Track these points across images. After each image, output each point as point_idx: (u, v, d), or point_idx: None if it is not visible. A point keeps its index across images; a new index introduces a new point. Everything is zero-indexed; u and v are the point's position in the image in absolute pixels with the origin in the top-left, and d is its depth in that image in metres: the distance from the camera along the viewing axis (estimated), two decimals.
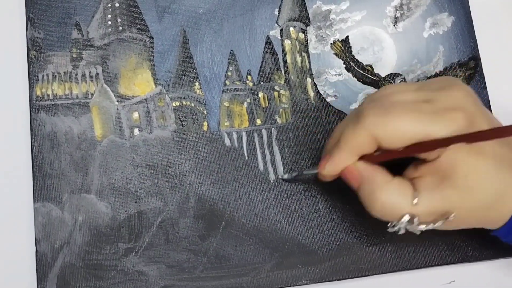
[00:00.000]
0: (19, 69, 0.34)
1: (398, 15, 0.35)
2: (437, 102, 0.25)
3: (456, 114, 0.25)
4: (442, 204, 0.25)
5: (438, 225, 0.26)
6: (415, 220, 0.25)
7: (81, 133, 0.33)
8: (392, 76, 0.35)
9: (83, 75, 0.34)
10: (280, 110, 0.34)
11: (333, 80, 0.34)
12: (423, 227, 0.26)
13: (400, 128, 0.25)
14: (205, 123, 0.33)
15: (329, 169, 0.27)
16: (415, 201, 0.25)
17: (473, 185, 0.25)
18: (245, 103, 0.34)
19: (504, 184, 0.25)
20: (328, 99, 0.34)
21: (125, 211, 0.32)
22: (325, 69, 0.35)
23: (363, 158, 0.27)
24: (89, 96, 0.34)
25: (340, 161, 0.27)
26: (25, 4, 0.34)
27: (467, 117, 0.25)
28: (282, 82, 0.34)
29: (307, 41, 0.35)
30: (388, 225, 0.27)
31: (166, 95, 0.34)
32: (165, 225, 0.32)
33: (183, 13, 0.35)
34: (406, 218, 0.25)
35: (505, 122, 0.28)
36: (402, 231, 0.26)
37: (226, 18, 0.35)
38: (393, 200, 0.26)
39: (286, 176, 0.32)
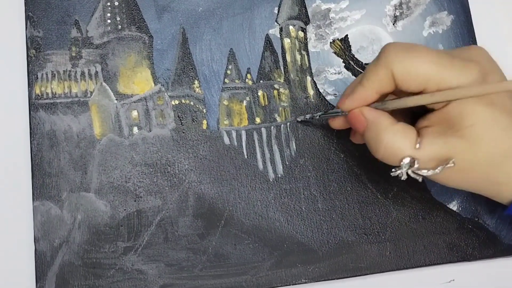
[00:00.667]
0: (19, 67, 0.34)
1: (397, 14, 0.35)
2: (455, 54, 0.26)
3: (471, 64, 0.25)
4: (444, 151, 0.26)
5: (438, 171, 0.26)
6: (416, 163, 0.26)
7: (80, 131, 0.33)
8: None
9: (82, 73, 0.34)
10: (280, 108, 0.34)
11: (332, 78, 0.35)
12: (424, 172, 0.26)
13: (417, 67, 0.25)
14: (205, 122, 0.33)
15: (349, 104, 0.28)
16: (417, 145, 0.26)
17: (479, 135, 0.25)
18: (245, 102, 0.34)
19: (510, 144, 0.25)
20: (328, 98, 0.34)
21: (124, 209, 0.32)
22: (325, 67, 0.35)
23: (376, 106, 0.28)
24: (88, 95, 0.33)
25: (360, 96, 0.28)
26: (25, 2, 0.34)
27: (481, 70, 0.25)
28: (282, 80, 0.34)
29: (306, 40, 0.35)
30: (392, 170, 0.27)
31: (165, 94, 0.34)
32: (164, 223, 0.32)
33: (183, 11, 0.35)
34: (407, 160, 0.26)
35: None
36: (404, 176, 0.27)
37: (225, 17, 0.35)
38: (396, 142, 0.26)
39: (299, 119, 0.33)
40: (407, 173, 0.27)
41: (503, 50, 0.35)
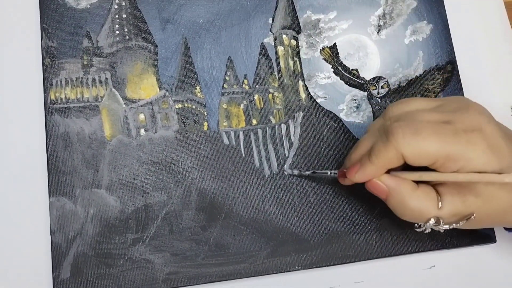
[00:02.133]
0: (35, 75, 0.35)
1: (381, 23, 0.36)
2: (456, 123, 0.26)
3: (475, 135, 0.26)
4: (464, 208, 0.27)
5: (461, 225, 0.27)
6: (441, 221, 0.27)
7: (91, 133, 0.34)
8: (376, 79, 0.36)
9: (93, 80, 0.35)
10: (274, 111, 0.35)
11: (322, 83, 0.36)
12: (447, 227, 0.28)
13: (426, 149, 0.26)
14: (205, 124, 0.34)
15: (358, 178, 0.28)
16: (439, 205, 0.27)
17: (491, 193, 0.27)
18: (242, 105, 0.35)
19: None
20: (318, 100, 0.35)
21: (133, 204, 0.33)
22: (315, 72, 0.36)
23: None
24: (99, 100, 0.34)
25: (369, 173, 0.28)
26: (40, 15, 0.35)
27: (484, 138, 0.26)
28: (276, 85, 0.35)
29: (298, 47, 0.36)
30: (416, 225, 0.28)
31: (170, 98, 0.35)
32: (169, 217, 0.33)
33: (185, 23, 0.36)
34: (433, 221, 0.27)
35: None
36: (428, 231, 0.28)
37: (224, 27, 0.36)
38: (421, 205, 0.27)
39: (295, 172, 0.33)
40: (431, 228, 0.28)
41: (478, 56, 0.37)
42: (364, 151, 0.29)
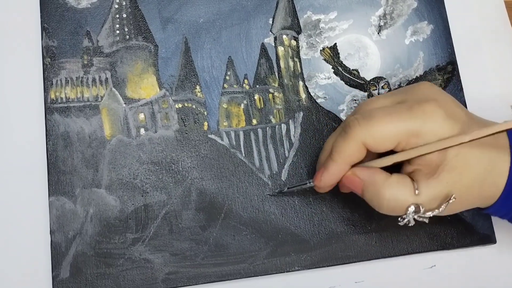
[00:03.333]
0: (35, 74, 0.34)
1: (381, 24, 0.36)
2: (409, 100, 0.27)
3: (429, 104, 0.26)
4: (441, 188, 0.26)
5: (442, 209, 0.26)
6: (421, 208, 0.26)
7: (91, 133, 0.34)
8: (377, 80, 0.36)
9: (94, 80, 0.35)
10: (274, 111, 0.35)
11: (322, 83, 0.36)
12: (429, 213, 0.27)
13: (384, 130, 0.26)
14: (206, 123, 0.34)
15: (325, 181, 0.28)
16: (416, 191, 0.26)
17: (465, 162, 0.26)
18: (242, 105, 0.35)
19: (488, 160, 0.26)
20: (318, 101, 0.35)
21: (132, 204, 0.33)
22: (316, 73, 0.36)
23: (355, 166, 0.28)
24: (99, 99, 0.34)
25: (334, 172, 0.28)
26: (40, 15, 0.35)
27: (440, 105, 0.26)
28: (276, 85, 0.35)
29: (298, 48, 0.36)
30: (399, 219, 0.27)
31: (170, 98, 0.35)
32: (169, 216, 0.33)
33: (185, 22, 0.36)
34: (412, 208, 0.26)
35: None
36: (412, 223, 0.27)
37: (224, 27, 0.36)
38: (397, 194, 0.26)
39: (269, 193, 0.33)
40: (414, 219, 0.27)
41: (478, 56, 0.37)
42: (328, 153, 0.29)
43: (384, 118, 0.26)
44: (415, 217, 0.27)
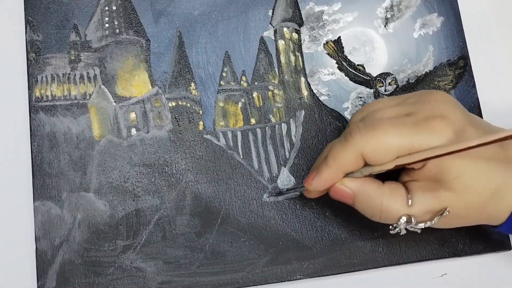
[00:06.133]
0: (19, 71, 0.34)
1: (388, 16, 0.36)
2: (417, 114, 0.26)
3: (437, 122, 0.25)
4: (436, 203, 0.26)
5: (435, 222, 0.26)
6: (413, 220, 0.26)
7: (79, 133, 0.33)
8: (383, 76, 0.35)
9: (81, 76, 0.34)
10: (274, 109, 0.34)
11: (326, 79, 0.35)
12: (421, 225, 0.27)
13: (386, 143, 0.25)
14: (201, 123, 0.34)
15: (315, 185, 0.28)
16: (409, 202, 0.26)
17: (466, 185, 0.26)
18: (240, 103, 0.34)
19: (497, 181, 0.26)
20: (321, 98, 0.35)
21: (123, 209, 0.32)
22: (318, 68, 0.35)
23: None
24: (87, 97, 0.34)
25: (327, 178, 0.27)
26: (24, 7, 0.35)
27: (449, 124, 0.25)
28: (276, 81, 0.35)
29: (300, 41, 0.35)
30: (390, 227, 0.27)
31: (163, 96, 0.34)
32: (162, 222, 0.32)
33: (179, 15, 0.35)
34: (404, 219, 0.26)
35: (493, 119, 0.29)
36: (403, 232, 0.27)
37: (220, 20, 0.35)
38: (388, 203, 0.26)
39: (271, 199, 0.33)
40: (405, 229, 0.27)
41: (492, 50, 0.36)
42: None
43: (387, 130, 0.25)
44: (407, 227, 0.27)
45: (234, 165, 0.33)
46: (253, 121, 0.34)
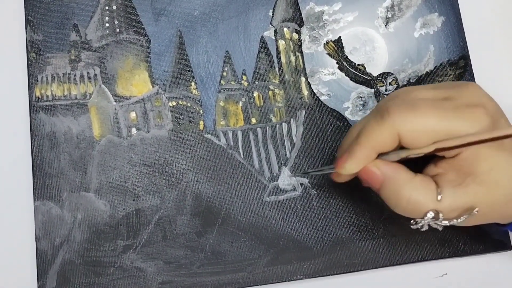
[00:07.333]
0: (19, 70, 0.34)
1: (389, 15, 0.36)
2: (456, 99, 0.25)
3: (478, 110, 0.24)
4: (466, 200, 0.25)
5: (461, 220, 0.26)
6: (440, 216, 0.25)
7: (79, 133, 0.33)
8: (384, 75, 0.35)
9: (82, 76, 0.34)
10: (275, 109, 0.34)
11: (326, 79, 0.35)
12: (446, 222, 0.26)
13: (426, 125, 0.24)
14: (201, 122, 0.34)
15: (350, 167, 0.26)
16: (439, 197, 0.25)
17: (497, 179, 0.25)
18: (240, 103, 0.34)
19: None
20: (322, 98, 0.35)
21: (123, 209, 0.32)
22: (319, 68, 0.35)
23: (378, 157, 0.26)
24: (88, 97, 0.34)
25: (361, 158, 0.26)
26: (25, 7, 0.35)
27: (488, 114, 0.25)
28: (277, 81, 0.35)
29: (300, 41, 0.35)
30: (412, 222, 0.26)
31: (163, 95, 0.34)
32: (162, 222, 0.32)
33: (179, 15, 0.35)
34: (431, 214, 0.25)
35: None
36: (425, 228, 0.26)
37: (221, 20, 0.35)
38: (418, 197, 0.25)
39: (297, 179, 0.32)
40: (428, 225, 0.26)
41: (492, 50, 0.36)
42: (353, 138, 0.27)
43: (428, 111, 0.24)
44: (431, 223, 0.26)
45: (235, 165, 0.33)
46: (253, 120, 0.34)
